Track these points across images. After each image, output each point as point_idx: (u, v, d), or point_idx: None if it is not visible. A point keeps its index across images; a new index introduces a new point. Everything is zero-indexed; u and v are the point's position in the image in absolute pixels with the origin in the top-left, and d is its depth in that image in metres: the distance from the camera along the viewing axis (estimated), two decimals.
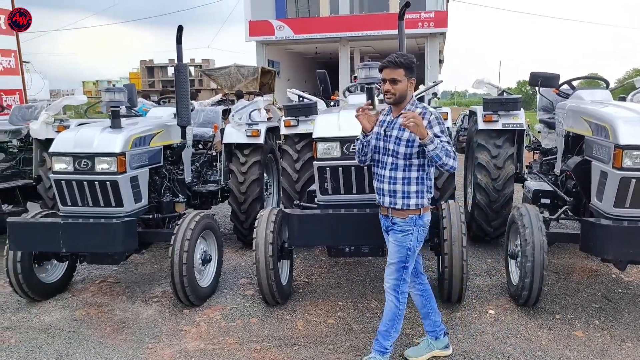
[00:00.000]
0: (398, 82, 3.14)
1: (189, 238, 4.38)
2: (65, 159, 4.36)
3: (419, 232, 3.28)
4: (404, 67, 3.13)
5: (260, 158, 6.18)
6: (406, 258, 3.26)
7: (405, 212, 3.24)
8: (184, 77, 5.02)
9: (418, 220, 3.26)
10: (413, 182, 3.22)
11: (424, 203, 3.26)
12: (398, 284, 3.29)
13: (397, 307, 3.30)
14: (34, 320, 4.39)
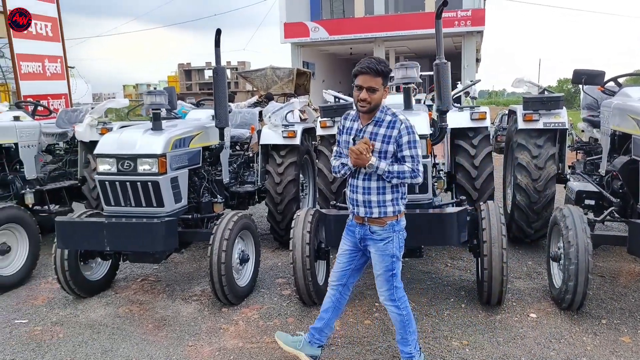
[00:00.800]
0: (376, 91, 3.00)
1: (227, 238, 4.45)
2: (108, 160, 4.49)
3: (399, 237, 3.21)
4: (383, 75, 3.01)
5: (297, 159, 6.22)
6: (392, 265, 3.19)
7: (383, 219, 3.15)
8: (222, 79, 5.10)
9: (396, 225, 3.18)
10: (388, 190, 3.12)
11: (400, 209, 3.18)
12: (392, 292, 3.23)
13: (402, 315, 3.25)
14: (80, 316, 4.54)
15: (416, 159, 3.02)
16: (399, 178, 3.02)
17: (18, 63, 9.27)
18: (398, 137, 3.02)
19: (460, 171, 5.66)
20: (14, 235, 5.31)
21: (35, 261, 5.50)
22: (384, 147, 3.04)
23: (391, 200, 3.13)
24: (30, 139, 6.36)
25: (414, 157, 3.01)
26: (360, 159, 2.98)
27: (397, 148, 3.04)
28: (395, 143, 3.03)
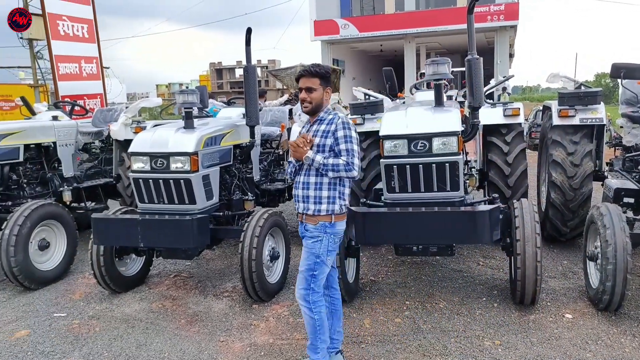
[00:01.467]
0: (313, 91, 3.18)
1: (257, 235, 4.49)
2: (142, 159, 4.58)
3: (330, 240, 3.19)
4: (320, 76, 3.19)
5: None
6: (314, 266, 3.18)
7: (316, 217, 3.17)
8: (253, 78, 5.13)
9: (329, 227, 3.17)
10: (325, 187, 3.16)
11: (334, 209, 3.17)
12: (307, 293, 3.21)
13: (313, 319, 3.21)
14: (115, 310, 4.66)
15: (351, 153, 3.09)
16: (333, 171, 3.09)
17: (56, 64, 9.56)
18: (334, 131, 3.14)
19: (492, 168, 5.56)
20: (53, 232, 5.48)
21: (72, 257, 5.66)
22: (322, 141, 3.16)
23: (327, 198, 3.16)
24: (68, 138, 6.55)
25: (349, 151, 3.09)
26: (297, 151, 3.14)
27: (333, 142, 3.13)
28: (332, 137, 3.13)
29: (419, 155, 4.07)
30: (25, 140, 5.98)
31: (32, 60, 12.28)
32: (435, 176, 4.09)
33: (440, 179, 4.09)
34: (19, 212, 5.06)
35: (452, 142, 4.05)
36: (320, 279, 3.23)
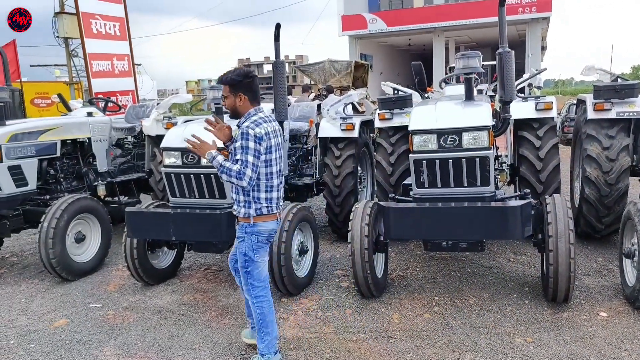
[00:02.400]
0: (225, 98, 3.36)
1: (286, 229, 4.53)
2: (174, 154, 4.67)
3: (252, 239, 3.33)
4: (227, 83, 3.31)
5: (355, 151, 6.22)
6: (245, 264, 3.36)
7: (240, 219, 3.39)
8: (282, 73, 5.16)
9: (248, 228, 3.33)
10: (240, 191, 3.32)
11: (250, 212, 3.30)
12: (249, 288, 3.42)
13: (257, 313, 3.40)
14: (148, 302, 4.77)
15: (244, 164, 3.15)
16: (226, 174, 3.19)
17: (89, 62, 9.80)
18: (234, 141, 3.27)
19: (524, 163, 5.47)
20: (89, 225, 5.64)
21: (107, 249, 5.82)
22: (234, 145, 3.29)
23: (244, 202, 3.32)
24: (102, 134, 6.71)
25: (242, 161, 3.16)
26: (200, 148, 3.32)
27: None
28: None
29: (449, 150, 4.04)
30: (62, 136, 6.16)
31: (68, 59, 12.60)
32: (465, 171, 4.05)
33: (470, 174, 4.05)
34: (56, 205, 5.23)
35: (482, 137, 4.00)
36: (256, 275, 3.39)
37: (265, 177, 3.29)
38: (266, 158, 3.25)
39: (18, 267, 6.00)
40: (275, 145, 3.33)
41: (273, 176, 3.32)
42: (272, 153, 3.29)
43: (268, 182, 3.31)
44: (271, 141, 3.27)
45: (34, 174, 5.76)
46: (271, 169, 3.30)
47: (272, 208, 3.36)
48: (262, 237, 3.37)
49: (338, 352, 3.68)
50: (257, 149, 3.18)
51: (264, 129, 3.22)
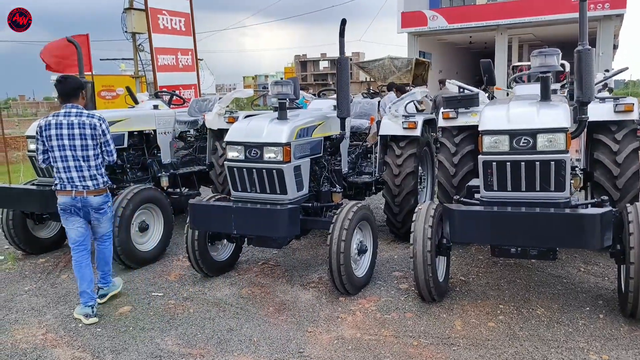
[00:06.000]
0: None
1: (346, 228, 4.46)
2: (237, 148, 4.70)
3: (57, 208, 4.40)
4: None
5: (416, 151, 6.07)
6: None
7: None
8: (345, 70, 5.10)
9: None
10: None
11: (54, 185, 4.40)
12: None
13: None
14: (207, 293, 4.83)
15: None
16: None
17: (155, 56, 10.09)
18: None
19: (598, 168, 5.16)
20: (152, 215, 5.78)
21: (168, 239, 5.95)
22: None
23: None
24: (167, 126, 6.88)
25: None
26: None
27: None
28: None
29: (522, 152, 3.84)
30: (129, 128, 6.36)
31: (135, 53, 13.08)
32: (538, 175, 3.84)
33: (544, 178, 3.84)
34: (123, 195, 5.39)
35: (559, 139, 3.78)
36: (68, 237, 4.43)
37: (52, 159, 4.27)
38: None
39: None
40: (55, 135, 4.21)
41: (56, 159, 4.24)
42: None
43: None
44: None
45: None
46: (53, 153, 4.23)
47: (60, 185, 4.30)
48: (59, 208, 4.33)
49: (398, 356, 3.58)
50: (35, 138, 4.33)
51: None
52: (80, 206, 4.29)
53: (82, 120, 4.24)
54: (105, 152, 4.42)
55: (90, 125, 4.26)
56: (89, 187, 4.29)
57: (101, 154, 4.40)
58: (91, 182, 4.30)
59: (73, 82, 4.36)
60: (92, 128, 4.26)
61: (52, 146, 4.21)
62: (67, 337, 4.04)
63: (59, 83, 4.31)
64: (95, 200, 4.34)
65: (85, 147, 4.24)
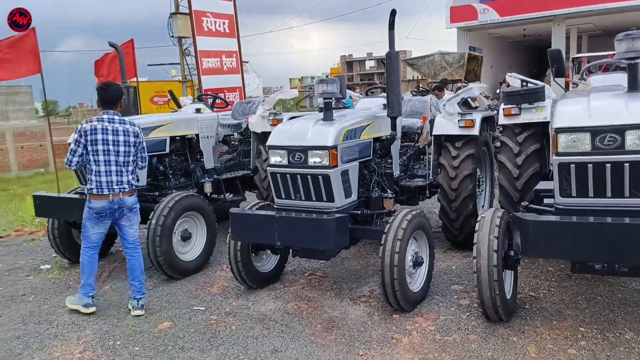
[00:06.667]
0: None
1: (400, 238, 4.05)
2: (280, 152, 4.37)
3: (88, 211, 4.43)
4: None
5: (474, 151, 5.59)
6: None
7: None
8: (396, 64, 4.68)
9: (87, 203, 4.43)
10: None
11: (88, 190, 4.40)
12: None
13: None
14: (251, 308, 4.53)
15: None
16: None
17: (200, 59, 9.97)
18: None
19: None
20: (194, 223, 5.55)
21: (211, 248, 5.70)
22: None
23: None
24: (210, 130, 6.66)
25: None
26: None
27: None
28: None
29: (606, 153, 3.31)
30: (171, 133, 6.16)
31: (181, 57, 13.10)
32: (627, 179, 3.29)
33: (634, 182, 3.29)
34: (164, 203, 5.17)
35: None
36: (85, 236, 4.50)
37: (94, 162, 4.32)
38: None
39: None
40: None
41: (99, 163, 4.31)
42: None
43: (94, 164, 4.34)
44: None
45: (145, 170, 5.79)
46: (97, 157, 4.31)
47: (97, 189, 4.33)
48: (91, 212, 4.39)
49: None
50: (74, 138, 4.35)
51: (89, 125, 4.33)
52: (116, 207, 4.41)
53: (126, 127, 4.44)
54: (140, 158, 4.61)
55: (134, 133, 4.48)
56: (125, 189, 4.43)
57: (136, 159, 4.59)
58: (127, 185, 4.45)
59: (116, 90, 4.53)
60: (135, 136, 4.49)
61: (96, 150, 4.32)
62: (105, 356, 3.82)
63: (102, 90, 4.48)
64: (130, 201, 4.48)
65: (127, 153, 4.44)
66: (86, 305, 4.53)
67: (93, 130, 4.31)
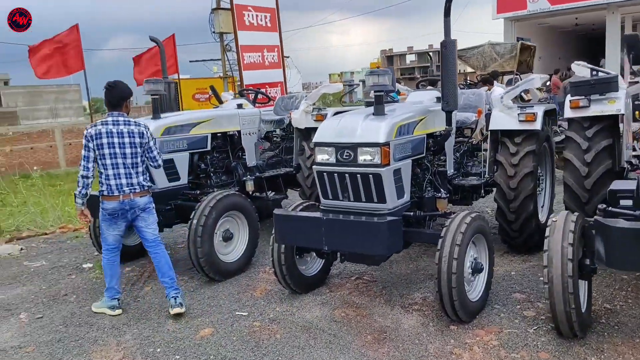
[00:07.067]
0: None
1: (459, 243, 3.71)
2: (327, 149, 4.08)
3: (102, 212, 4.37)
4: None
5: (535, 147, 5.15)
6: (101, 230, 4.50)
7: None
8: (452, 54, 4.31)
9: (101, 203, 4.37)
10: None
11: (100, 191, 4.36)
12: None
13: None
14: (295, 314, 4.27)
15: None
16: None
17: (241, 54, 9.80)
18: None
19: None
20: (236, 223, 5.33)
21: (254, 249, 5.48)
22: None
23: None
24: (251, 127, 6.44)
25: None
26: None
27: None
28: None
29: None
30: (213, 129, 5.97)
31: (222, 53, 12.98)
32: None
33: None
34: (205, 202, 4.98)
35: None
36: (103, 239, 4.48)
37: (102, 166, 4.27)
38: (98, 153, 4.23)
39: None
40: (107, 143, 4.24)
41: (107, 166, 4.25)
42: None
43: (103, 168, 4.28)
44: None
45: (186, 168, 5.63)
46: (104, 160, 4.24)
47: (108, 190, 4.29)
48: (105, 213, 4.34)
49: None
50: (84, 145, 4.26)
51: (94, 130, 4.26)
52: (128, 208, 4.33)
53: (130, 129, 4.32)
54: (149, 158, 4.51)
55: (139, 134, 4.35)
56: (136, 190, 4.34)
57: (146, 160, 4.50)
58: (138, 186, 4.35)
59: (120, 91, 4.39)
60: (140, 136, 4.36)
61: (103, 154, 4.24)
62: None
63: (107, 90, 4.36)
64: (142, 201, 4.38)
65: (135, 154, 4.34)
66: (112, 307, 4.47)
67: (98, 135, 4.23)
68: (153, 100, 5.48)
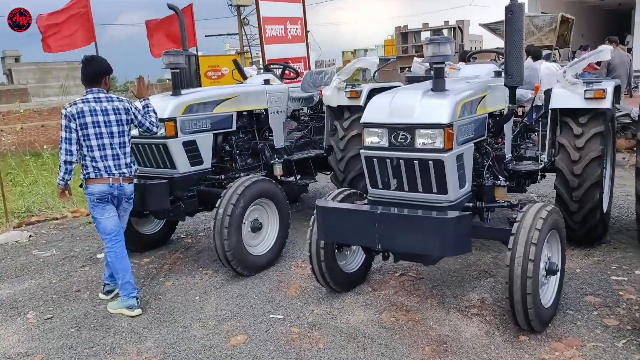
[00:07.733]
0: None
1: (535, 242, 3.16)
2: (378, 132, 3.52)
3: (89, 199, 3.96)
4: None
5: (603, 128, 4.55)
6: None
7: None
8: (519, 20, 3.67)
9: (85, 189, 3.97)
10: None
11: (83, 177, 3.97)
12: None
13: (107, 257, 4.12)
14: (337, 318, 3.77)
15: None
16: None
17: (263, 27, 9.17)
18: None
19: None
20: (265, 212, 4.82)
21: (284, 240, 4.97)
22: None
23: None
24: (279, 105, 5.87)
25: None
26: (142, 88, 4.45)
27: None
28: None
29: None
30: (238, 107, 5.40)
31: (240, 27, 12.33)
32: None
33: None
34: (232, 189, 4.45)
35: None
36: (101, 229, 4.03)
37: (86, 148, 3.88)
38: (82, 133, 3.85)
39: (192, 252, 5.45)
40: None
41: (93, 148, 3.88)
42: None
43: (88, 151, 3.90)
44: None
45: (209, 151, 5.08)
46: (89, 142, 3.86)
47: (96, 173, 3.91)
48: (92, 199, 3.94)
49: None
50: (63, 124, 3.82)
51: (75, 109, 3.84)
52: (116, 194, 4.01)
53: (115, 105, 4.00)
54: (145, 130, 4.22)
55: (125, 110, 4.04)
56: (125, 175, 4.03)
57: (145, 124, 4.18)
58: (126, 170, 4.05)
59: (98, 65, 4.03)
60: (126, 112, 4.05)
61: (87, 135, 3.88)
62: None
63: (84, 64, 4.00)
64: (129, 189, 4.11)
65: (122, 133, 4.03)
66: (130, 307, 4.01)
67: (80, 114, 3.85)
68: (173, 74, 4.91)
